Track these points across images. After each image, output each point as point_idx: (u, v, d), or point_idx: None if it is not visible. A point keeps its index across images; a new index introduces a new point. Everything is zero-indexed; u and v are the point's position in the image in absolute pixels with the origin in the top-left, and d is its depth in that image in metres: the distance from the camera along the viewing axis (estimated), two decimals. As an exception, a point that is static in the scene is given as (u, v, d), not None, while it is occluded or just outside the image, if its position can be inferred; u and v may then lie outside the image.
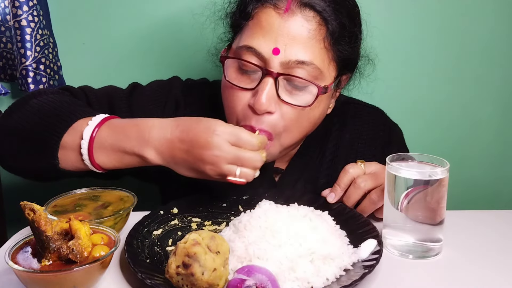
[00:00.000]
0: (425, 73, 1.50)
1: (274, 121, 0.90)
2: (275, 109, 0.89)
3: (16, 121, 0.93)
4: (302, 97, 0.90)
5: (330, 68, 0.92)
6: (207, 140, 0.80)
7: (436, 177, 0.79)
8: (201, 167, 0.81)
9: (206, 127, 0.81)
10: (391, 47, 1.47)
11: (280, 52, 0.87)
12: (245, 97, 0.91)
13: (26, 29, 1.33)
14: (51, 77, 1.41)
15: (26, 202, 0.68)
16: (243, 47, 0.90)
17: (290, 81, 0.90)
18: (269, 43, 0.88)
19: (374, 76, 1.17)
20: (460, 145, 1.56)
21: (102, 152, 0.87)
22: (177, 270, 0.65)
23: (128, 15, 1.43)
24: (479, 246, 0.87)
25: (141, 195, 0.92)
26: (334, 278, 0.72)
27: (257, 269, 0.67)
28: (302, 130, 0.94)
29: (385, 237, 0.85)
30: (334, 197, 0.94)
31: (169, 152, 0.84)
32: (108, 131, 0.87)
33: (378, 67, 1.46)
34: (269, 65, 0.88)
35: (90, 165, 0.89)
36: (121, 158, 0.87)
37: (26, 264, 0.67)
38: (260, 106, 0.87)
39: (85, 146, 0.86)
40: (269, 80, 0.88)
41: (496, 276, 0.77)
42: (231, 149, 0.80)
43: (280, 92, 0.89)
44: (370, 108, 1.18)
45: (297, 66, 0.88)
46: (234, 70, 0.93)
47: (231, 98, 0.93)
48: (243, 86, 0.91)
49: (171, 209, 0.94)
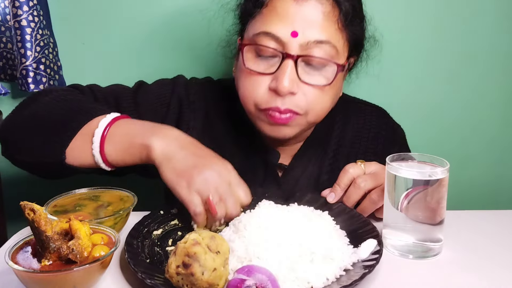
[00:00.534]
0: (425, 73, 1.50)
1: (297, 101, 0.93)
2: (297, 89, 0.92)
3: (28, 116, 0.95)
4: (319, 77, 0.94)
5: (344, 49, 0.96)
6: (218, 162, 0.84)
7: (436, 177, 0.79)
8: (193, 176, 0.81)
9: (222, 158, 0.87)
10: (392, 46, 1.47)
11: (298, 35, 0.90)
12: (264, 82, 0.94)
13: (26, 29, 1.33)
14: (51, 77, 1.41)
15: (26, 202, 0.68)
16: (261, 34, 0.93)
17: (308, 63, 0.93)
18: (286, 27, 0.91)
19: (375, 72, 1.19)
20: (460, 145, 1.56)
21: (112, 142, 0.88)
22: (177, 270, 0.66)
23: (128, 15, 1.43)
24: (479, 246, 0.87)
25: (141, 195, 0.92)
26: (334, 278, 0.72)
27: (257, 269, 0.67)
28: (324, 107, 0.98)
29: (385, 237, 0.85)
30: (334, 197, 0.94)
31: (174, 148, 0.85)
32: (125, 124, 0.90)
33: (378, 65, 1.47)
34: (288, 48, 0.91)
35: (98, 156, 0.89)
36: (127, 148, 0.88)
37: (26, 264, 0.67)
38: (283, 88, 0.90)
39: (98, 135, 0.88)
40: (289, 62, 0.91)
41: (496, 276, 0.77)
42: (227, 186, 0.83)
43: (300, 73, 0.92)
44: (373, 107, 1.19)
45: (315, 46, 0.91)
46: (252, 57, 0.95)
47: (250, 83, 0.95)
48: (262, 71, 0.93)
49: (171, 209, 0.94)
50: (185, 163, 0.83)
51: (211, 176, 0.81)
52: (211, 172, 0.82)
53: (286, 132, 0.98)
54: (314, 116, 0.98)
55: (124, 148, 0.88)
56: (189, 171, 0.82)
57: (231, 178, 0.84)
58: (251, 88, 0.95)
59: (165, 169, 0.84)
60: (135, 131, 0.89)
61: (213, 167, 0.83)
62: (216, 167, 0.83)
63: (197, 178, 0.81)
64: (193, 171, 0.82)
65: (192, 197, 0.81)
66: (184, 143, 0.86)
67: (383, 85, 1.49)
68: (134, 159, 0.89)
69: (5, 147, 0.99)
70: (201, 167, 0.82)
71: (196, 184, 0.81)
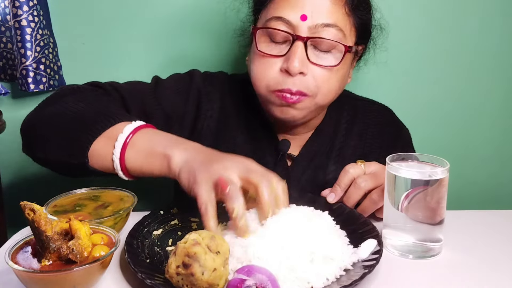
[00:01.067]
0: (425, 73, 1.50)
1: (307, 81, 0.97)
2: (307, 70, 0.96)
3: (53, 115, 0.95)
4: (328, 59, 0.98)
5: (351, 34, 1.00)
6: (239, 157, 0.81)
7: (436, 177, 0.79)
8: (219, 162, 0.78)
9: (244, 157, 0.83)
10: (398, 45, 1.47)
11: (307, 18, 0.95)
12: (276, 64, 0.98)
13: (26, 29, 1.33)
14: (51, 77, 1.41)
15: (26, 202, 0.68)
16: (272, 18, 0.98)
17: (317, 46, 0.97)
18: (296, 12, 0.96)
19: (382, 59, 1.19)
20: (460, 145, 1.56)
21: (133, 149, 0.87)
22: (177, 270, 0.65)
23: (128, 15, 1.43)
24: (479, 246, 0.87)
25: (141, 195, 0.92)
26: (334, 278, 0.72)
27: (257, 269, 0.67)
28: (332, 89, 1.01)
29: (385, 237, 0.85)
30: (334, 197, 0.94)
31: (194, 155, 0.82)
32: (149, 133, 0.89)
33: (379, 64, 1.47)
34: (298, 31, 0.96)
35: (118, 162, 0.88)
36: (148, 157, 0.86)
37: (26, 264, 0.67)
38: (293, 68, 0.94)
39: (121, 140, 0.87)
40: (299, 44, 0.95)
41: (496, 276, 0.77)
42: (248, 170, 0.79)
43: (310, 55, 0.96)
44: (380, 106, 1.22)
45: (323, 29, 0.95)
46: (265, 41, 1.00)
47: (263, 66, 0.99)
48: (274, 54, 0.98)
49: (171, 209, 0.94)
50: (201, 161, 0.80)
51: (229, 165, 0.78)
52: (232, 161, 0.79)
53: (294, 114, 1.00)
54: (322, 98, 1.00)
55: (144, 155, 0.86)
56: (208, 165, 0.78)
57: (254, 166, 0.80)
58: (263, 70, 0.99)
59: (183, 173, 0.80)
60: (158, 141, 0.87)
61: (234, 158, 0.80)
62: (236, 158, 0.80)
63: (213, 168, 0.77)
64: (208, 163, 0.78)
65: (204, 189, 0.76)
66: (204, 150, 0.84)
67: (383, 85, 1.49)
68: (152, 168, 0.86)
69: (27, 144, 0.98)
70: (219, 160, 0.79)
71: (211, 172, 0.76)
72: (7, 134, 1.40)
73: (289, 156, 1.12)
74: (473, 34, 1.47)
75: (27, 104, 1.48)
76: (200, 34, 1.44)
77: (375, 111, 1.19)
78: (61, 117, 0.94)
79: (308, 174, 1.11)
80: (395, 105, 1.25)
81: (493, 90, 1.53)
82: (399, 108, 1.25)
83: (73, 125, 0.92)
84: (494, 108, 1.55)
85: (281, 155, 1.10)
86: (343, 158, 1.11)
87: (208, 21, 1.42)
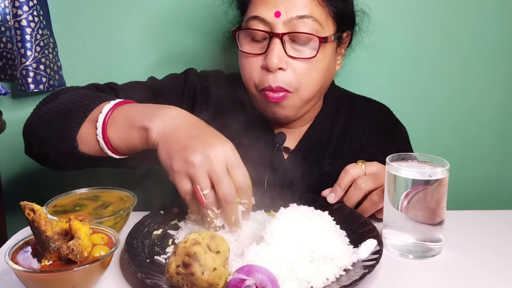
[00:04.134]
0: (426, 73, 1.50)
1: (287, 76, 0.99)
2: (286, 66, 0.99)
3: (45, 111, 0.99)
4: (306, 51, 1.00)
5: (328, 23, 1.02)
6: (215, 142, 0.81)
7: (436, 177, 0.79)
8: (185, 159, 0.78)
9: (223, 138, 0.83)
10: (393, 44, 1.47)
11: (281, 14, 0.98)
12: (258, 62, 1.01)
13: (26, 29, 1.33)
14: (51, 77, 1.41)
15: (26, 202, 0.68)
16: (250, 18, 1.01)
17: (294, 40, 0.99)
18: (270, 9, 0.98)
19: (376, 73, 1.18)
20: (460, 145, 1.56)
21: (113, 126, 0.90)
22: (177, 270, 0.66)
23: (128, 15, 1.43)
24: (479, 246, 0.87)
25: (141, 195, 0.92)
26: (334, 278, 0.72)
27: (257, 269, 0.67)
28: (316, 82, 1.03)
29: (385, 237, 0.85)
30: (334, 198, 0.94)
31: (172, 128, 0.83)
32: (126, 108, 0.91)
33: (379, 63, 1.47)
34: (274, 28, 0.99)
35: (102, 141, 0.90)
36: (128, 132, 0.88)
37: (26, 264, 0.67)
38: (272, 64, 0.97)
39: (101, 120, 0.90)
40: (276, 41, 0.98)
41: (496, 276, 0.77)
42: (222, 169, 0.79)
43: (287, 50, 0.99)
44: (378, 104, 1.23)
45: (298, 22, 0.98)
46: (247, 42, 1.03)
47: (247, 66, 1.03)
48: (255, 53, 1.01)
49: (171, 209, 0.94)
50: (179, 145, 0.80)
51: (205, 156, 0.78)
52: (206, 153, 0.78)
53: (285, 113, 1.04)
54: (306, 91, 1.02)
55: (125, 132, 0.88)
56: (182, 153, 0.79)
57: (229, 159, 0.80)
58: (249, 69, 1.03)
59: (160, 150, 0.82)
60: (135, 114, 0.89)
61: (208, 148, 0.79)
62: (211, 149, 0.79)
63: (190, 161, 0.78)
64: (186, 154, 0.78)
65: (183, 182, 0.79)
66: (183, 123, 0.85)
67: (383, 85, 1.49)
68: (134, 143, 0.88)
69: (28, 146, 1.02)
70: (194, 148, 0.79)
71: (189, 166, 0.78)
72: (7, 134, 1.40)
73: (285, 149, 1.13)
74: (471, 31, 1.47)
75: (27, 104, 1.48)
76: (200, 34, 1.44)
77: (372, 109, 1.20)
78: (52, 112, 0.97)
79: (304, 167, 1.11)
80: (395, 105, 1.26)
81: (493, 89, 1.53)
82: (399, 108, 1.26)
83: (62, 116, 0.95)
84: (494, 108, 1.54)
85: (277, 148, 1.11)
86: (339, 153, 1.12)
87: (208, 21, 1.42)
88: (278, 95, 1.00)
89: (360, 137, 1.15)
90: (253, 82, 1.03)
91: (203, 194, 0.79)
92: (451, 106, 1.53)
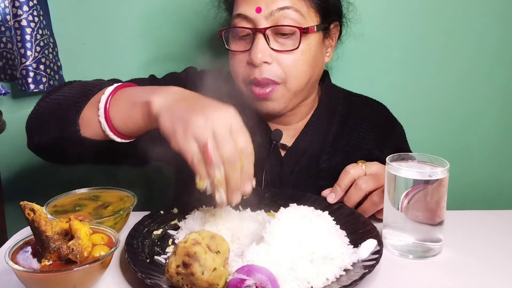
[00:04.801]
0: (426, 74, 1.50)
1: (273, 69, 1.01)
2: (271, 60, 1.00)
3: (48, 101, 1.00)
4: (290, 44, 1.01)
5: (311, 14, 1.02)
6: (219, 106, 0.79)
7: (436, 177, 0.79)
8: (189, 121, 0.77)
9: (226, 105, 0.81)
10: (390, 45, 1.47)
11: (262, 9, 0.99)
12: (245, 58, 1.03)
13: (26, 29, 1.33)
14: (51, 77, 1.41)
15: (26, 202, 0.68)
16: (234, 16, 1.04)
17: (278, 33, 1.00)
18: (251, 6, 1.00)
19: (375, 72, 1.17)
20: (460, 145, 1.56)
21: (115, 106, 0.89)
22: (177, 270, 0.66)
23: (128, 15, 1.43)
24: (479, 246, 0.87)
25: (141, 195, 0.92)
26: (334, 278, 0.72)
27: (257, 269, 0.67)
28: (303, 73, 1.03)
29: (385, 237, 0.85)
30: (335, 198, 0.94)
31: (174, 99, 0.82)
32: (128, 90, 0.91)
33: (381, 67, 1.47)
34: (257, 23, 1.00)
35: (104, 123, 0.89)
36: (130, 110, 0.87)
37: (26, 264, 0.67)
38: (256, 59, 0.99)
39: (103, 100, 0.89)
40: (259, 36, 1.00)
41: (496, 276, 0.77)
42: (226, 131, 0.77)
43: (271, 44, 1.00)
44: (375, 102, 1.24)
45: (280, 15, 0.99)
46: (234, 40, 1.06)
47: (236, 63, 1.05)
48: (241, 50, 1.03)
49: (171, 209, 0.94)
50: (182, 110, 0.79)
51: (209, 119, 0.76)
52: (209, 115, 0.77)
53: (273, 106, 1.04)
54: (294, 83, 1.02)
55: (127, 110, 0.87)
56: (185, 116, 0.77)
57: (232, 123, 0.78)
58: (236, 66, 1.05)
59: (162, 119, 0.80)
60: (137, 93, 0.89)
61: (212, 110, 0.78)
62: (215, 111, 0.78)
63: (194, 122, 0.76)
64: (190, 116, 0.77)
65: (189, 144, 0.76)
66: (184, 95, 0.84)
67: (379, 84, 1.49)
68: (136, 121, 0.87)
69: (30, 137, 1.01)
70: (199, 111, 0.77)
71: (194, 128, 0.76)
72: (7, 134, 1.41)
73: (282, 146, 1.13)
74: (472, 31, 1.47)
75: (27, 104, 1.48)
76: (201, 34, 1.44)
77: (369, 106, 1.21)
78: (55, 100, 0.98)
79: (301, 164, 1.11)
80: (395, 105, 1.26)
81: (493, 89, 1.53)
82: (399, 108, 1.26)
83: (64, 102, 0.96)
84: (494, 108, 1.54)
85: (274, 145, 1.11)
86: (336, 149, 1.12)
87: (208, 20, 1.42)
88: (266, 91, 1.01)
89: (357, 134, 1.16)
90: (240, 78, 1.05)
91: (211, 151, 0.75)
92: (451, 106, 1.53)
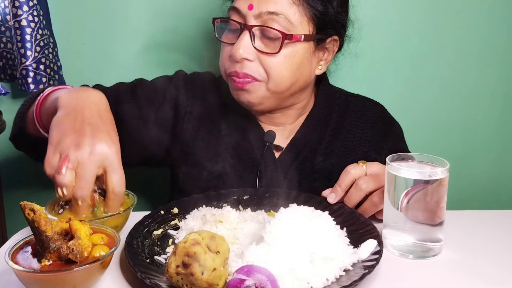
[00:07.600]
0: (424, 72, 1.50)
1: (254, 67, 1.01)
2: (253, 57, 1.01)
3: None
4: (274, 47, 1.00)
5: (303, 23, 1.01)
6: (109, 139, 0.84)
7: (436, 177, 0.79)
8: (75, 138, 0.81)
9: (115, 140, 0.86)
10: (390, 45, 1.47)
11: (253, 8, 1.00)
12: (230, 50, 1.03)
13: (26, 29, 1.33)
14: (51, 77, 1.41)
15: (26, 202, 0.68)
16: (229, 9, 1.05)
17: (265, 34, 1.01)
18: (246, 2, 1.01)
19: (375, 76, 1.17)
20: (460, 145, 1.56)
21: (45, 102, 0.99)
22: (177, 270, 0.66)
23: (128, 14, 1.43)
24: (479, 246, 0.87)
25: (142, 195, 0.92)
26: (334, 278, 0.72)
27: (257, 269, 0.67)
28: (284, 78, 1.02)
29: (385, 237, 0.85)
30: (335, 198, 0.94)
31: (79, 105, 0.88)
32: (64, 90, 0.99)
33: (378, 65, 1.47)
34: (247, 20, 1.01)
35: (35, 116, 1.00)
36: (50, 105, 0.95)
37: (26, 264, 0.67)
38: (236, 54, 1.00)
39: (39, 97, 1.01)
40: (245, 32, 1.01)
41: (496, 276, 0.77)
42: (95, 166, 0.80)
43: (256, 43, 1.01)
44: (372, 102, 1.22)
45: (269, 18, 0.99)
46: (226, 32, 1.07)
47: (223, 54, 1.06)
48: (229, 42, 1.04)
49: (171, 209, 0.94)
50: (73, 125, 0.83)
51: (85, 148, 0.80)
52: (89, 144, 0.81)
53: (248, 98, 1.04)
54: (275, 84, 1.02)
55: (48, 105, 0.96)
56: (70, 133, 0.82)
57: (108, 160, 0.81)
58: (223, 57, 1.06)
59: (57, 115, 0.86)
60: (63, 92, 0.94)
61: (95, 141, 0.82)
62: (98, 143, 0.82)
63: (71, 144, 0.80)
64: (73, 136, 0.81)
65: (54, 156, 0.81)
66: (91, 107, 0.88)
67: (379, 85, 1.49)
68: (48, 114, 0.93)
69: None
70: (84, 135, 0.82)
71: (67, 149, 0.80)
72: (7, 134, 1.40)
73: (277, 147, 1.13)
74: (473, 33, 1.47)
75: (27, 104, 1.48)
76: (201, 34, 1.44)
77: (367, 107, 1.19)
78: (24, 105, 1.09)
79: (295, 165, 1.11)
80: (396, 105, 1.26)
81: (493, 90, 1.53)
82: (399, 109, 1.26)
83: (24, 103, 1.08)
84: (494, 108, 1.54)
85: (267, 146, 1.11)
86: (332, 151, 1.11)
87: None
88: (244, 80, 1.01)
89: (353, 136, 1.15)
90: (223, 68, 1.06)
91: (65, 166, 0.78)
92: (451, 106, 1.53)
